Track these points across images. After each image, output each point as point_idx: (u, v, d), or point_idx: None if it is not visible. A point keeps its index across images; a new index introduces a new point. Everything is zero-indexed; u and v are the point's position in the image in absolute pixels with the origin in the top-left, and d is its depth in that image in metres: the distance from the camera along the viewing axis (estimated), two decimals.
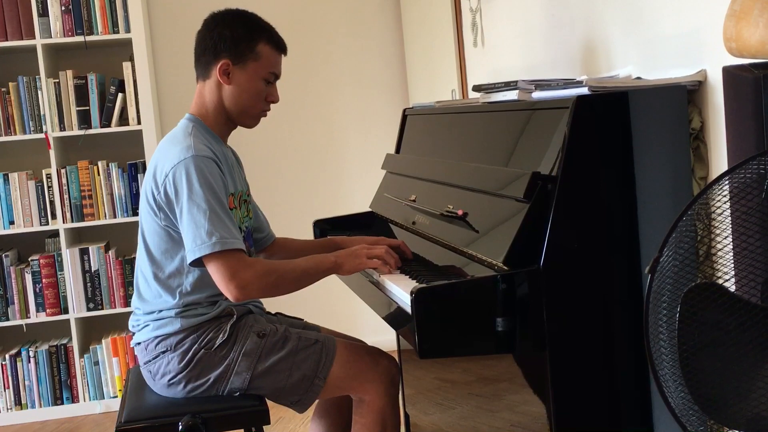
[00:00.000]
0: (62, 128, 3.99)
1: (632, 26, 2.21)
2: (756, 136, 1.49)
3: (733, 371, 1.32)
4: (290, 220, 4.22)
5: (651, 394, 1.84)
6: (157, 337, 2.27)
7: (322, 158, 4.57)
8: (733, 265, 1.37)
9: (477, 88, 2.43)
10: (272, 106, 2.40)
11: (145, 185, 2.28)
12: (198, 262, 2.16)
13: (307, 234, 3.06)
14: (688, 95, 1.87)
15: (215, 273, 2.14)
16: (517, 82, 2.18)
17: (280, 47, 2.37)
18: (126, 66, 4.02)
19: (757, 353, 1.30)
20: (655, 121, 1.84)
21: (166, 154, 2.23)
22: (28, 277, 4.00)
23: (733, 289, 1.36)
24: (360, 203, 3.49)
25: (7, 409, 4.05)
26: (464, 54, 3.65)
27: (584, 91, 1.88)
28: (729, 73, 1.58)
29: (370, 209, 3.00)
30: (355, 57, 4.55)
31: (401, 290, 2.06)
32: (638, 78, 2.15)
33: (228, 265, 2.13)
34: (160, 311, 2.28)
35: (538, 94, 2.07)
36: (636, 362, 1.83)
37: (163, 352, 2.26)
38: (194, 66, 2.39)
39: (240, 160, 2.53)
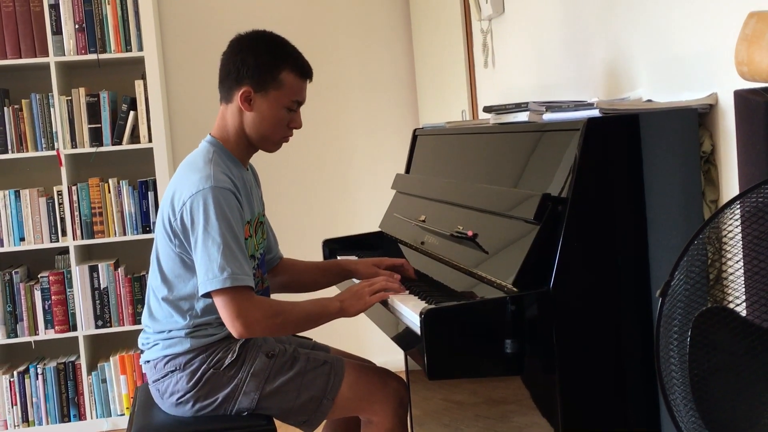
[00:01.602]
0: (74, 145, 4.01)
1: (644, 49, 2.21)
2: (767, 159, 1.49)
3: (745, 396, 1.31)
4: (300, 239, 4.23)
5: (661, 419, 1.83)
6: (166, 356, 2.27)
7: (332, 178, 4.58)
8: (744, 290, 1.37)
9: (488, 109, 2.43)
10: None
11: (162, 209, 2.27)
12: (209, 294, 2.15)
13: (317, 253, 3.06)
14: (698, 118, 1.87)
15: (222, 308, 2.14)
16: (528, 103, 2.18)
17: (305, 74, 2.32)
18: (138, 84, 4.04)
19: None
20: (665, 144, 1.84)
21: (185, 180, 2.22)
22: (38, 294, 4.01)
23: (744, 313, 1.35)
24: (369, 223, 3.49)
25: (15, 425, 4.04)
26: (474, 75, 3.66)
27: (595, 113, 1.88)
28: (741, 96, 1.58)
29: (379, 229, 3.00)
30: (365, 77, 4.57)
31: (410, 311, 2.06)
32: (649, 101, 2.15)
33: (235, 303, 2.12)
34: (170, 331, 2.28)
35: (548, 116, 2.07)
36: (646, 386, 1.82)
37: (172, 371, 2.26)
38: (218, 88, 2.35)
39: (258, 179, 2.53)
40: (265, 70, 2.26)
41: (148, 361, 2.33)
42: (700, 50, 1.94)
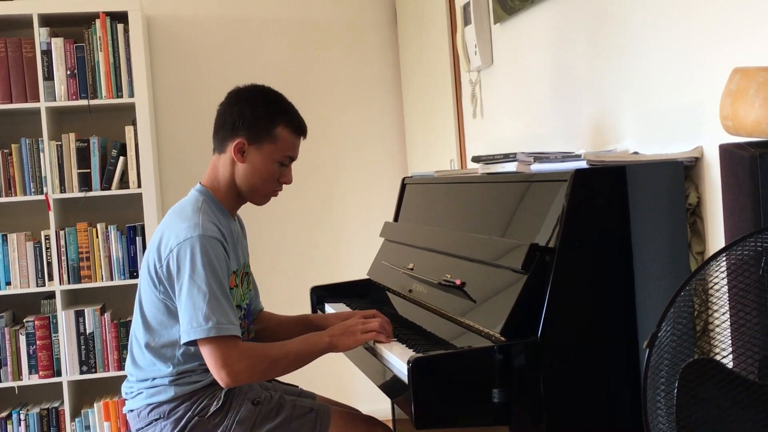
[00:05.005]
0: (63, 190, 4.01)
1: (630, 102, 2.24)
2: (753, 213, 1.51)
3: None
4: (288, 287, 4.22)
5: None
6: (150, 404, 2.25)
7: (320, 225, 4.58)
8: (730, 341, 1.37)
9: (476, 159, 2.45)
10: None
11: (148, 255, 2.27)
12: (192, 342, 2.15)
13: (306, 300, 3.05)
14: (684, 171, 1.89)
15: (208, 358, 2.13)
16: (516, 154, 2.20)
17: (300, 131, 2.34)
18: (128, 130, 4.06)
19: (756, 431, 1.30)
20: (652, 196, 1.86)
21: (173, 228, 2.22)
22: (23, 339, 3.97)
23: (730, 365, 1.35)
24: (358, 270, 3.49)
25: None
26: (463, 124, 3.70)
27: (582, 164, 1.90)
28: (726, 150, 1.60)
29: (367, 277, 3.00)
30: (355, 126, 4.61)
31: (398, 359, 2.05)
32: (635, 153, 2.17)
33: (221, 352, 2.11)
34: (154, 379, 2.26)
35: (536, 167, 2.09)
36: None
37: (156, 420, 2.24)
38: (212, 138, 2.36)
39: (245, 230, 2.53)
40: (261, 123, 2.28)
41: (132, 410, 2.30)
42: (685, 104, 1.97)
